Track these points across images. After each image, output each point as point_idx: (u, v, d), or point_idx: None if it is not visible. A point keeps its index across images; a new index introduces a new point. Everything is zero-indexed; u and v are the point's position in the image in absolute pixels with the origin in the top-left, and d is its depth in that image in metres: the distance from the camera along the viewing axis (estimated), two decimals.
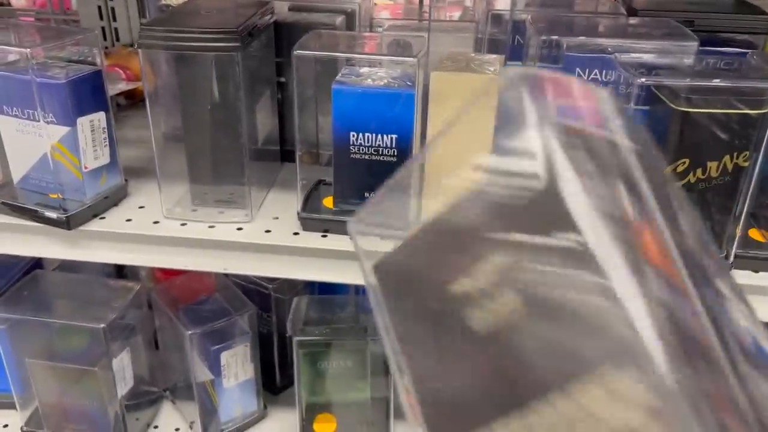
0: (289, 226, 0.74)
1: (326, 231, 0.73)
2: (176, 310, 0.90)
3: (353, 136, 0.69)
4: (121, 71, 1.00)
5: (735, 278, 0.29)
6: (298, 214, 0.74)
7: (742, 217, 0.63)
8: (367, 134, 0.69)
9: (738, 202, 0.63)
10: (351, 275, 0.72)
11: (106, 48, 1.11)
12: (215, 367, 0.88)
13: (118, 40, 1.13)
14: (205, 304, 0.91)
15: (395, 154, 0.69)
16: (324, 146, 0.79)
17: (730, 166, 0.61)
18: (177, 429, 0.95)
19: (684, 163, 0.61)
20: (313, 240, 0.72)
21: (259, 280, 0.96)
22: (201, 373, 0.88)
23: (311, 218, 0.73)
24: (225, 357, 0.88)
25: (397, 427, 0.91)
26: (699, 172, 0.61)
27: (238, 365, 0.90)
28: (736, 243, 0.64)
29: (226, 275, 0.97)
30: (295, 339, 0.83)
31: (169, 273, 1.03)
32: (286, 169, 0.87)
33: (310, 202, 0.76)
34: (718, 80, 0.61)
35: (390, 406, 0.89)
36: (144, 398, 0.96)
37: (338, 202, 0.74)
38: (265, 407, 0.97)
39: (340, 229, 0.73)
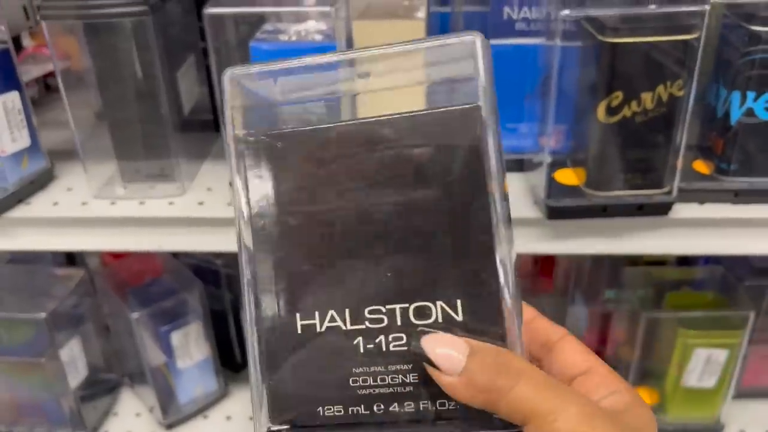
0: (223, 197, 0.71)
1: None
2: (123, 294, 0.87)
3: (278, 94, 0.66)
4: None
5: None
6: (230, 184, 0.70)
7: (681, 149, 0.61)
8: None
9: (676, 134, 0.61)
10: None
11: (31, 28, 1.05)
12: (167, 349, 0.86)
13: None
14: (153, 286, 0.88)
15: (324, 111, 0.66)
16: None
17: (665, 97, 0.59)
18: (138, 414, 0.93)
19: (617, 96, 0.59)
20: None
21: (210, 257, 0.93)
22: (153, 355, 0.86)
23: None
24: (176, 337, 0.86)
25: None
26: (634, 104, 0.59)
27: (191, 345, 0.87)
28: (678, 176, 0.63)
29: (176, 255, 0.95)
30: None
31: (118, 256, 1.00)
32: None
33: None
34: (651, 6, 0.58)
35: None
36: (101, 386, 0.94)
37: None
38: (227, 385, 0.95)
39: None
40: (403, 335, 0.30)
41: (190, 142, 0.75)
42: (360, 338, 0.30)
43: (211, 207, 0.70)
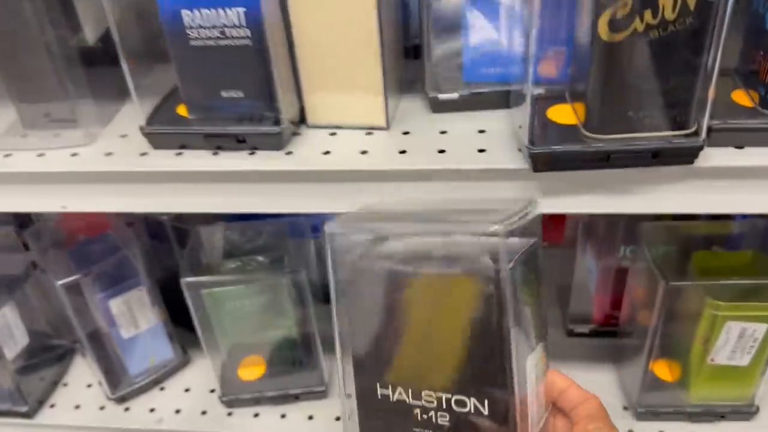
0: (137, 146, 0.58)
1: (183, 147, 0.57)
2: (59, 255, 0.76)
3: (187, 15, 0.52)
4: None
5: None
6: (141, 129, 0.57)
7: (715, 74, 0.45)
8: (203, 10, 0.51)
9: (708, 53, 0.45)
10: (210, 201, 0.56)
11: None
12: (107, 317, 0.75)
13: None
14: (91, 245, 0.76)
15: (248, 34, 0.52)
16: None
17: (692, 2, 0.42)
18: (89, 385, 0.84)
19: (625, 4, 0.43)
20: (164, 160, 0.56)
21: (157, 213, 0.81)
22: (91, 324, 0.75)
23: (158, 132, 0.57)
24: (116, 305, 0.75)
25: (326, 362, 0.79)
26: (648, 15, 0.43)
27: (135, 312, 0.76)
28: (708, 111, 0.47)
29: None
30: (183, 281, 0.68)
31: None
32: (157, 73, 0.69)
33: (161, 112, 0.59)
34: None
35: (316, 342, 0.76)
36: (48, 355, 0.84)
37: (192, 109, 0.57)
38: (185, 353, 0.85)
39: (199, 143, 0.56)
40: (447, 414, 0.44)
41: (98, 79, 0.61)
42: (418, 410, 0.45)
43: (121, 159, 0.57)
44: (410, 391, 0.45)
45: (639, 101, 0.47)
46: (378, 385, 0.46)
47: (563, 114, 0.52)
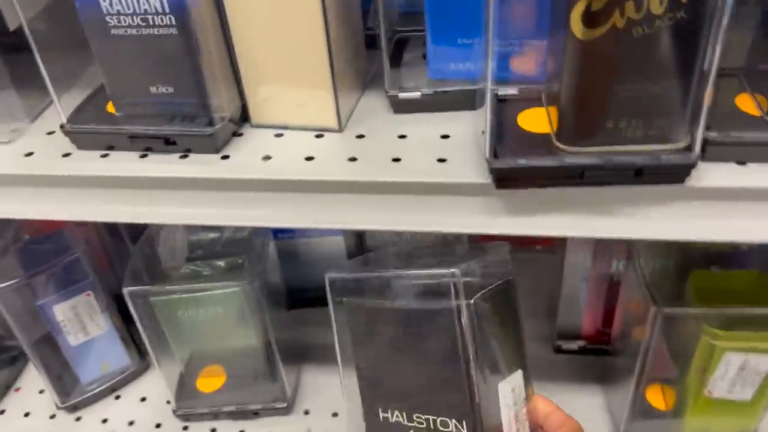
0: (61, 145, 0.52)
1: (110, 147, 0.51)
2: (4, 254, 0.71)
3: (104, 0, 0.45)
4: None
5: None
6: (62, 127, 0.51)
7: (712, 75, 0.38)
8: None
9: (704, 51, 0.37)
10: (135, 209, 0.50)
11: None
12: (51, 324, 0.70)
13: None
14: (39, 245, 0.71)
15: (173, 22, 0.45)
16: None
17: None
18: (41, 391, 0.79)
19: None
20: (85, 163, 0.50)
21: None
22: (35, 330, 0.70)
23: (80, 131, 0.51)
24: (61, 311, 0.69)
25: (289, 376, 0.73)
26: (630, 8, 0.36)
27: (83, 318, 0.71)
28: (704, 122, 0.39)
29: None
30: (125, 290, 0.63)
31: None
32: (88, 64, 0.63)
33: (89, 109, 0.53)
34: None
35: (274, 352, 0.70)
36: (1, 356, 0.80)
37: (120, 105, 0.51)
38: (143, 358, 0.79)
39: (125, 144, 0.50)
40: None
41: (26, 69, 0.55)
42: (412, 429, 0.51)
43: (41, 160, 0.51)
44: (404, 413, 0.51)
45: (619, 109, 0.39)
46: (380, 409, 0.52)
47: (536, 120, 0.45)
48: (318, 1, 0.44)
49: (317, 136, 0.50)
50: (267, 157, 0.48)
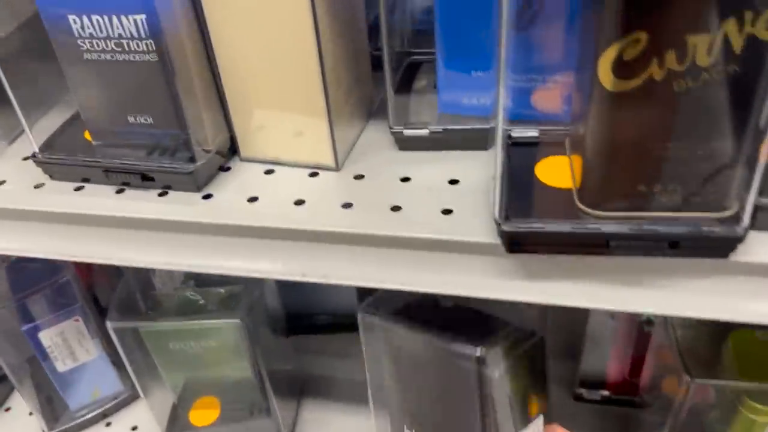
0: (36, 175, 0.48)
1: (85, 180, 0.46)
2: None
3: (74, 22, 0.40)
4: None
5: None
6: (33, 156, 0.47)
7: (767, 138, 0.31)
8: (94, 16, 0.40)
9: (758, 107, 0.31)
10: (108, 251, 0.45)
11: None
12: (37, 350, 0.66)
13: None
14: (32, 264, 0.67)
15: (152, 48, 0.40)
16: None
17: (738, 42, 0.29)
18: (31, 413, 0.76)
19: (637, 41, 0.29)
20: (56, 197, 0.46)
21: None
22: (21, 355, 0.66)
23: (52, 162, 0.46)
24: (47, 337, 0.65)
25: (283, 411, 0.68)
26: (671, 58, 0.29)
27: (72, 343, 0.67)
28: (757, 188, 0.33)
29: None
30: (108, 324, 0.58)
31: None
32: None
33: (65, 136, 0.49)
34: None
35: (266, 386, 0.65)
36: None
37: (96, 135, 0.46)
38: (137, 383, 0.75)
39: (101, 178, 0.45)
40: None
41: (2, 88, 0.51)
42: None
43: (9, 190, 0.47)
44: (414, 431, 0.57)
45: (654, 171, 0.33)
46: (405, 426, 0.57)
47: (557, 172, 0.39)
48: (309, 19, 0.39)
49: (311, 175, 0.45)
50: (253, 199, 0.43)
